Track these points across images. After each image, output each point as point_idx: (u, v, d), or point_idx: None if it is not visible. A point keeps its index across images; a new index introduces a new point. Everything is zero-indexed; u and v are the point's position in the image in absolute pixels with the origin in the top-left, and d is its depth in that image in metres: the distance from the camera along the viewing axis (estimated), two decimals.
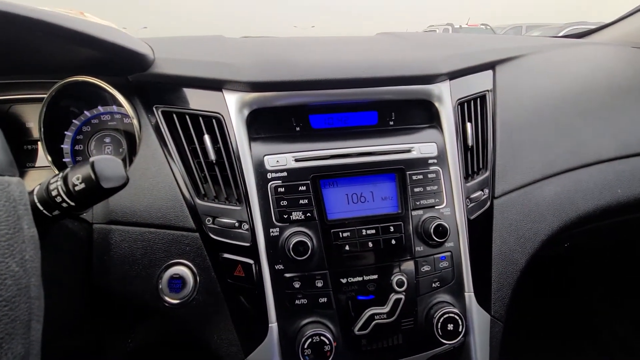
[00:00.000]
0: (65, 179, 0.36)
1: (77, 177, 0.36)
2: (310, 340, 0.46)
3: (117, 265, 0.49)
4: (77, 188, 0.36)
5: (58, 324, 0.49)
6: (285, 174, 0.52)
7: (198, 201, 0.51)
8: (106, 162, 0.36)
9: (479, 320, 0.54)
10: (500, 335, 0.56)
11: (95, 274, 0.50)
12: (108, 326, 0.74)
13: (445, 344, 0.50)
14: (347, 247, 0.50)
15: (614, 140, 0.68)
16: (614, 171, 0.67)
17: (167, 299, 0.49)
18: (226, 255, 0.50)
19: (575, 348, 1.11)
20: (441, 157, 0.56)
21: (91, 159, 0.36)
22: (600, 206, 0.64)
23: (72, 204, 0.36)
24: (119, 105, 0.60)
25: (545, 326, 1.15)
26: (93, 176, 0.36)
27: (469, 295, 0.53)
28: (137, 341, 0.82)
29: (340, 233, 0.50)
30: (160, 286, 0.49)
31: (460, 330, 0.49)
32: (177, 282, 0.49)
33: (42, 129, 0.59)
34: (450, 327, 0.49)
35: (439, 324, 0.49)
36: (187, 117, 0.54)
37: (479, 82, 0.64)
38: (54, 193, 0.36)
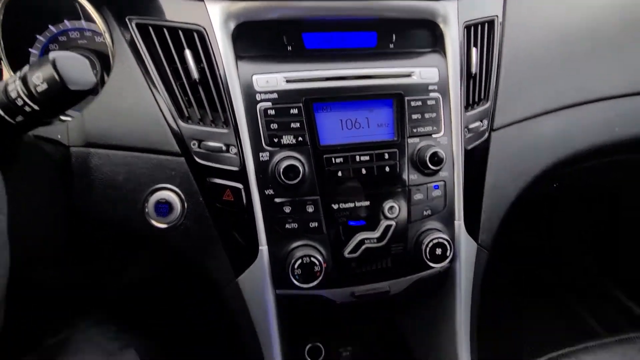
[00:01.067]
0: (24, 80, 0.32)
1: (37, 76, 0.32)
2: (300, 261, 0.46)
3: (99, 189, 0.47)
4: (39, 89, 0.32)
5: (40, 251, 0.48)
6: (275, 95, 0.48)
7: (182, 124, 0.48)
8: (69, 60, 0.32)
9: (466, 247, 0.55)
10: (485, 263, 0.58)
11: (76, 198, 0.48)
12: (98, 257, 0.75)
13: (433, 267, 0.51)
14: (339, 174, 0.49)
15: (622, 77, 0.65)
16: (616, 109, 0.65)
17: (154, 223, 0.48)
18: (214, 180, 0.48)
19: (551, 293, 1.19)
20: (442, 84, 0.52)
21: (51, 55, 0.31)
22: (596, 144, 0.64)
23: (36, 107, 0.32)
24: (88, 20, 0.54)
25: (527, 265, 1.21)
26: (56, 76, 0.32)
27: (459, 223, 0.54)
28: (131, 275, 0.84)
29: (333, 159, 0.49)
30: (146, 210, 0.47)
31: (447, 254, 0.50)
32: (163, 207, 0.48)
33: (2, 44, 0.53)
34: (438, 251, 0.50)
35: (428, 248, 0.50)
36: (165, 30, 0.48)
37: (489, 5, 0.59)
38: (13, 95, 0.32)
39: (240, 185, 0.48)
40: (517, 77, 0.59)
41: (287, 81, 0.48)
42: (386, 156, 0.50)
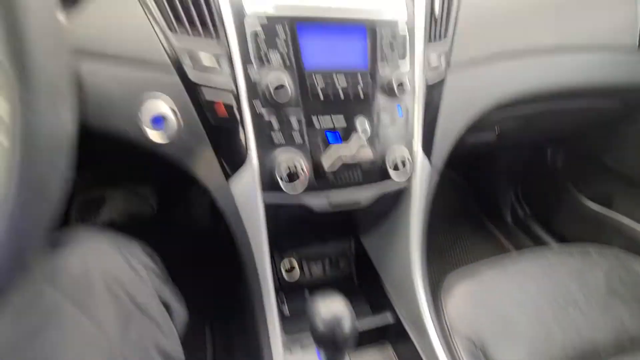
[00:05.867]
0: None
1: None
2: (286, 164, 0.54)
3: (92, 100, 0.49)
4: None
5: None
6: (265, 20, 0.52)
7: (171, 35, 0.50)
8: None
9: (422, 167, 0.66)
10: (435, 184, 0.71)
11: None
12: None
13: (396, 181, 0.62)
14: (320, 95, 0.56)
15: (557, 34, 0.76)
16: (552, 61, 0.76)
17: (151, 136, 0.52)
18: (207, 98, 0.52)
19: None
20: (410, 21, 0.60)
21: None
22: (534, 90, 0.76)
23: None
24: None
25: None
26: None
27: (417, 146, 0.65)
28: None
29: (316, 82, 0.55)
30: (142, 123, 0.51)
31: (408, 170, 0.61)
32: (158, 119, 0.51)
33: None
34: (400, 166, 0.61)
35: (392, 163, 0.60)
36: None
37: None
38: None
39: (233, 103, 0.53)
40: (473, 22, 0.67)
41: (276, 7, 0.52)
42: (360, 82, 0.57)
